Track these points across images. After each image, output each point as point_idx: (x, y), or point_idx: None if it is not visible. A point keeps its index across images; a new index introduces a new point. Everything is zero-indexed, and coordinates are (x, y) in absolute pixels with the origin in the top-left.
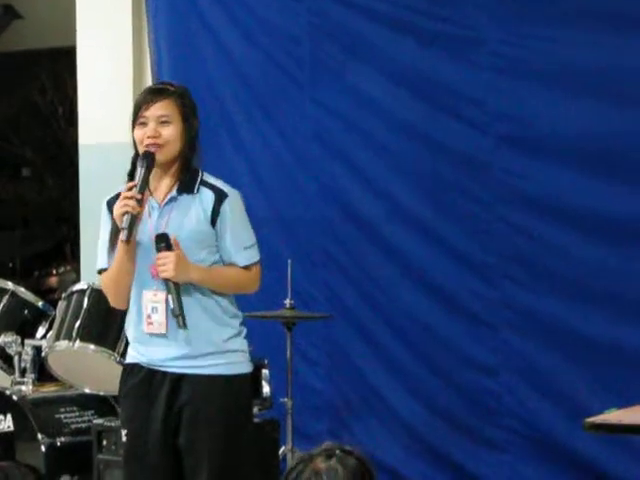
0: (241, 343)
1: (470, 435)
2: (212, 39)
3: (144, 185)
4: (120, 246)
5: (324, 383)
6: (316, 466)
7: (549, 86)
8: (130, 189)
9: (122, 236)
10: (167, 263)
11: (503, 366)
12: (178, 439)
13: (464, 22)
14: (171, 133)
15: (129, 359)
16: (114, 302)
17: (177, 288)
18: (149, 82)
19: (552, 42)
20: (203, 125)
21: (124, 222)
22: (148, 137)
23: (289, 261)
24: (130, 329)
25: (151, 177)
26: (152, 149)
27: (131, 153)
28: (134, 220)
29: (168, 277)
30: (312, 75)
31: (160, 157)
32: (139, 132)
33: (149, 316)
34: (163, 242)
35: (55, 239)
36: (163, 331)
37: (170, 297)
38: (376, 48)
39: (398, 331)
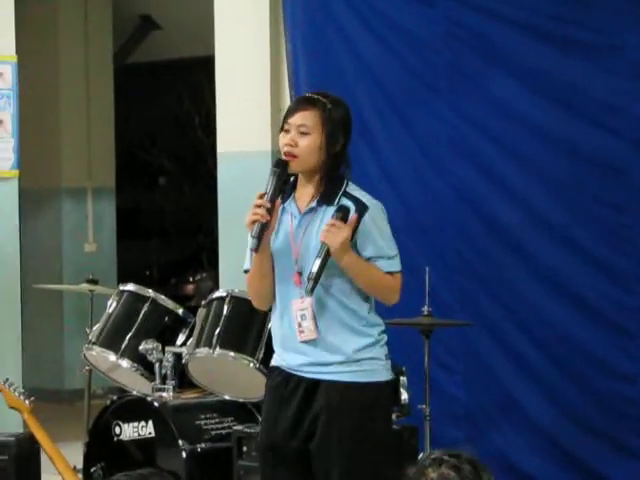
0: (378, 351)
1: (608, 443)
2: (348, 48)
3: (275, 193)
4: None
5: (461, 390)
6: (428, 477)
7: None
8: (261, 197)
9: (251, 245)
10: (337, 233)
11: None
12: (311, 444)
13: (602, 28)
14: (307, 144)
15: (273, 361)
16: (255, 303)
17: (327, 258)
18: (286, 91)
19: None
20: None
21: (253, 231)
22: (285, 144)
23: (427, 268)
24: (274, 334)
25: (298, 184)
26: (287, 158)
27: (268, 161)
28: (263, 229)
29: (329, 244)
30: (449, 82)
31: (294, 167)
32: (282, 139)
33: (299, 324)
34: (341, 212)
35: (192, 247)
36: (313, 337)
37: (318, 260)
38: (514, 55)
39: (535, 338)
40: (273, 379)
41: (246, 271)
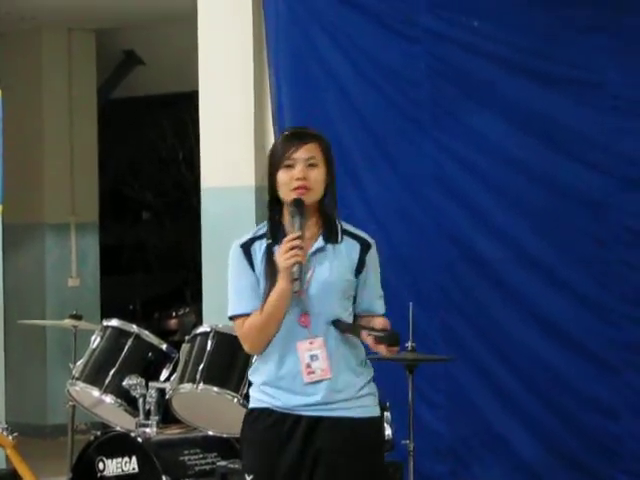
0: (373, 387)
1: (591, 477)
2: (332, 82)
3: (303, 233)
4: (279, 295)
5: (444, 425)
6: None
7: None
8: (293, 239)
9: (296, 287)
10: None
11: (625, 408)
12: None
13: (585, 65)
14: (317, 176)
15: (256, 404)
16: (252, 349)
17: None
18: (270, 125)
19: None
20: None
21: (296, 273)
22: (297, 179)
23: (410, 304)
24: (262, 374)
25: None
26: (300, 192)
27: (252, 196)
28: (302, 269)
29: (382, 355)
30: (432, 117)
31: (309, 199)
32: (285, 175)
33: (308, 365)
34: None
35: (175, 282)
36: (328, 376)
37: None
38: (496, 91)
39: (518, 372)
40: (261, 421)
41: (238, 316)
